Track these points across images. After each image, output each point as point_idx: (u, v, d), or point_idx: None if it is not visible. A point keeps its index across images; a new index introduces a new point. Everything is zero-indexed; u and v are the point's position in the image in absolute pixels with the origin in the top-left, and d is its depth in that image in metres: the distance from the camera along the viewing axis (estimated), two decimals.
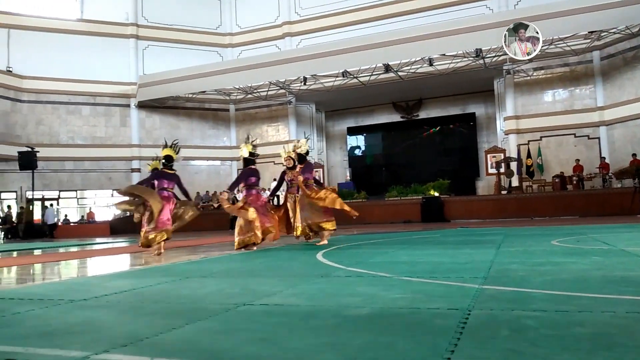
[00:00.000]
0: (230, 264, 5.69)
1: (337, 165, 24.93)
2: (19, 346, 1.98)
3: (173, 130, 23.36)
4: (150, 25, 23.59)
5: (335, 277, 3.91)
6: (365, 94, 21.49)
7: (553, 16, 15.79)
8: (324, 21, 22.77)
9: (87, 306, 2.99)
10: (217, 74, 20.76)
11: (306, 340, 1.96)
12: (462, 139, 22.79)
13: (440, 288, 3.18)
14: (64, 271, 6.07)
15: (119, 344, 1.97)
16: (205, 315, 2.55)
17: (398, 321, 2.25)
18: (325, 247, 7.17)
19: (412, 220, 17.36)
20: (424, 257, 5.45)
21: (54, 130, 21.73)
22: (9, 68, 21.24)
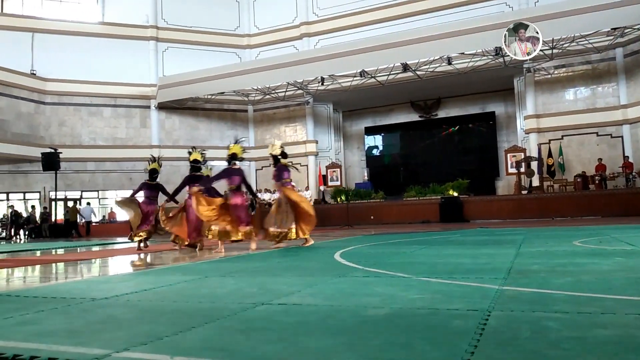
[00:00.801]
0: (248, 263, 5.72)
1: (354, 165, 24.88)
2: (43, 343, 2.02)
3: (192, 131, 23.60)
4: (169, 27, 23.85)
5: (353, 277, 3.90)
6: (383, 94, 21.41)
7: (574, 13, 15.53)
8: (342, 21, 22.75)
9: (108, 305, 3.04)
10: (235, 75, 20.89)
11: (324, 340, 1.96)
12: (482, 138, 22.55)
13: (460, 289, 3.14)
14: (86, 270, 6.18)
15: (139, 342, 1.99)
16: (224, 314, 2.57)
17: (417, 322, 2.23)
18: (344, 247, 7.15)
19: (431, 220, 17.24)
20: (443, 257, 5.40)
21: (76, 132, 22.12)
22: (33, 71, 21.69)
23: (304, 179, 22.49)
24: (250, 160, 23.80)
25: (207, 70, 21.14)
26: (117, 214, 22.41)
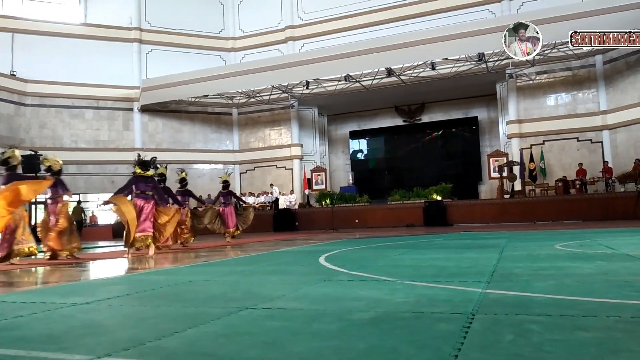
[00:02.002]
0: (233, 267, 5.68)
1: (339, 169, 24.92)
2: (22, 350, 1.98)
3: (176, 134, 23.41)
4: (153, 29, 23.66)
5: (339, 281, 3.90)
6: (367, 98, 21.50)
7: (555, 20, 15.77)
8: (327, 25, 22.80)
9: (89, 310, 2.99)
10: (219, 77, 20.79)
11: (309, 344, 1.96)
12: (465, 143, 22.76)
13: (444, 292, 3.17)
14: (67, 275, 6.07)
15: (122, 348, 1.96)
16: (208, 319, 2.55)
17: (402, 325, 2.24)
18: (328, 250, 7.15)
19: (415, 224, 17.33)
20: (427, 261, 5.43)
21: (58, 134, 21.78)
22: (12, 72, 21.31)
23: (289, 183, 22.46)
24: (235, 164, 23.69)
25: (191, 73, 20.99)
26: (97, 217, 22.11)
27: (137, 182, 8.70)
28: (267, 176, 23.25)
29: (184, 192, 11.34)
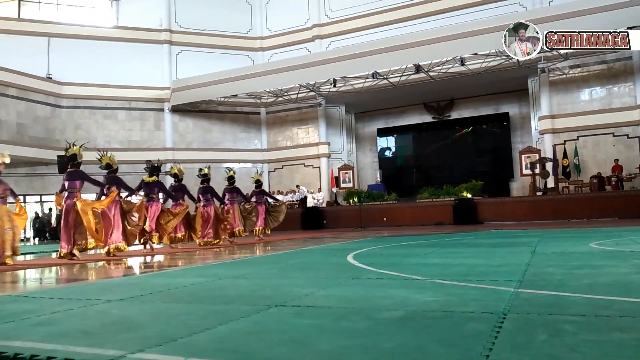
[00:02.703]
0: (262, 265, 5.73)
1: (367, 166, 24.82)
2: (59, 344, 2.04)
3: (205, 133, 23.73)
4: (183, 30, 24.02)
5: (367, 280, 3.89)
6: (395, 95, 21.33)
7: (589, 12, 15.33)
8: (354, 23, 22.72)
9: (123, 306, 3.06)
10: (248, 77, 20.97)
11: (337, 342, 1.96)
12: (495, 140, 22.36)
13: (474, 291, 3.12)
14: (101, 271, 6.24)
15: (154, 344, 2.00)
16: (238, 316, 2.57)
17: (431, 324, 2.22)
18: (357, 249, 7.14)
19: (444, 222, 17.12)
20: (457, 259, 5.37)
21: (92, 135, 22.34)
22: (49, 75, 21.97)
23: (316, 181, 22.50)
24: (263, 163, 23.87)
25: (219, 73, 21.24)
26: None
27: (145, 187, 9.57)
28: (295, 175, 23.35)
29: (232, 190, 11.84)
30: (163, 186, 10.15)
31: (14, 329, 2.43)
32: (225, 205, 11.46)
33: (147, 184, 9.66)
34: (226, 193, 11.65)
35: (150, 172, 9.77)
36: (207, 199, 10.81)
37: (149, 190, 9.62)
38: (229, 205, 11.65)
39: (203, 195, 10.75)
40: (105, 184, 8.77)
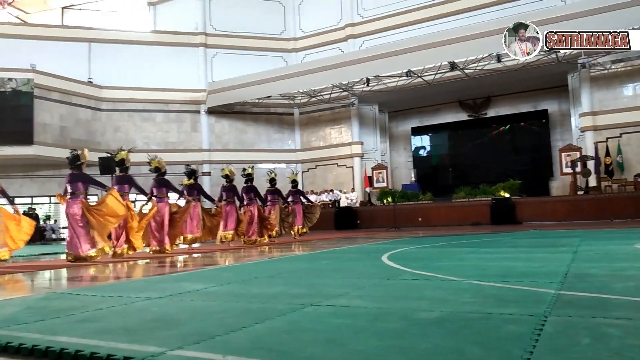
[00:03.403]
0: (296, 264, 5.76)
1: (401, 166, 24.61)
2: (102, 340, 2.10)
3: (240, 134, 24.04)
4: (217, 33, 24.41)
5: (402, 280, 3.86)
6: (429, 93, 21.08)
7: (633, 4, 14.77)
8: (387, 21, 22.57)
9: (162, 304, 3.13)
10: (281, 78, 21.13)
11: (372, 343, 1.95)
12: (534, 137, 21.79)
13: (513, 293, 3.05)
14: (141, 270, 6.40)
15: (192, 341, 2.04)
16: (273, 315, 2.60)
17: (468, 326, 2.18)
18: (391, 249, 7.09)
19: (481, 222, 16.80)
20: (494, 260, 5.26)
21: (130, 137, 22.94)
22: (90, 79, 22.70)
23: (350, 181, 22.46)
24: (297, 163, 23.99)
25: (254, 75, 21.48)
26: None
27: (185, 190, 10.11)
28: (328, 174, 23.37)
29: (273, 191, 12.21)
30: (201, 188, 10.61)
31: (59, 325, 2.52)
32: (267, 206, 11.79)
33: (187, 187, 10.10)
34: (268, 194, 11.99)
35: (188, 175, 10.25)
36: (251, 198, 11.21)
37: (190, 193, 10.02)
38: (270, 206, 11.97)
39: (247, 195, 11.09)
40: (153, 187, 9.17)
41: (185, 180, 10.26)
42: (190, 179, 10.27)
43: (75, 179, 7.83)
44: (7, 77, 20.28)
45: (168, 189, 9.19)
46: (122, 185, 8.33)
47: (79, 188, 7.83)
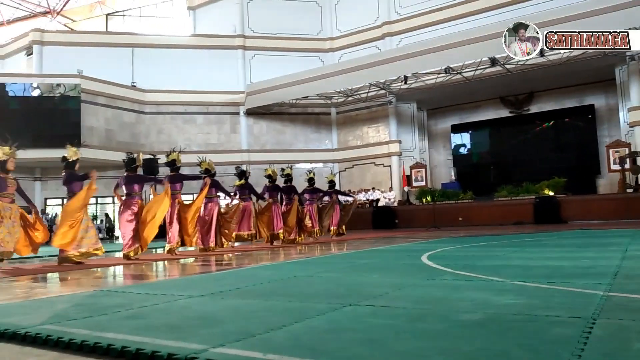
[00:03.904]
0: (335, 263, 5.76)
1: (440, 164, 24.25)
2: (147, 337, 2.16)
3: (278, 135, 24.26)
4: (255, 35, 24.71)
5: (443, 281, 3.79)
6: (469, 90, 20.68)
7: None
8: (425, 18, 22.28)
9: (204, 302, 3.19)
10: (318, 78, 21.20)
11: (414, 344, 1.92)
12: (580, 134, 21.04)
13: (559, 294, 2.96)
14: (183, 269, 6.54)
15: (234, 339, 2.07)
16: (313, 314, 2.60)
17: (513, 328, 2.13)
18: (431, 249, 6.99)
19: (524, 221, 16.35)
20: (539, 260, 5.11)
21: (173, 139, 23.51)
22: (133, 83, 23.42)
23: (387, 180, 22.29)
24: (334, 162, 24.00)
25: (291, 76, 21.63)
26: None
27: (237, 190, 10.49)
28: (366, 174, 23.28)
29: (312, 190, 12.46)
30: (252, 188, 10.84)
31: (106, 322, 2.60)
32: (305, 205, 11.91)
33: (238, 187, 10.46)
34: (306, 194, 12.11)
35: (239, 176, 10.60)
36: (290, 197, 11.40)
37: (241, 193, 10.38)
38: (308, 205, 12.01)
39: (286, 195, 11.25)
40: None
41: (237, 181, 10.60)
42: (241, 179, 10.57)
43: (131, 181, 8.17)
44: (56, 83, 21.15)
45: (217, 189, 9.52)
46: (174, 184, 8.72)
47: (134, 189, 8.16)
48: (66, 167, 7.59)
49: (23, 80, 21.33)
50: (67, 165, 7.59)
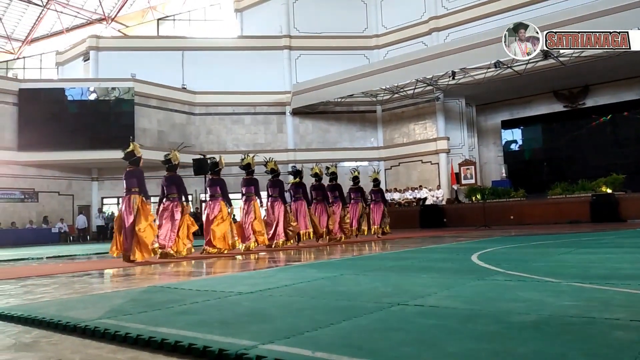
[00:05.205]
0: (382, 262, 5.72)
1: (490, 161, 23.63)
2: (199, 332, 2.22)
3: (324, 134, 24.33)
4: (301, 35, 24.88)
5: (494, 281, 3.69)
6: (520, 84, 20.02)
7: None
8: (473, 12, 21.76)
9: (253, 299, 3.24)
10: (364, 76, 21.09)
11: (465, 345, 1.88)
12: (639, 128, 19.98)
13: (620, 296, 2.81)
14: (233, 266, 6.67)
15: (283, 336, 2.09)
16: (361, 312, 2.59)
17: (570, 331, 2.04)
18: (481, 248, 6.83)
19: (580, 220, 15.69)
20: (596, 260, 4.89)
21: (222, 139, 24.05)
22: (184, 85, 24.10)
23: (435, 178, 21.93)
24: (379, 160, 23.84)
25: (336, 74, 21.63)
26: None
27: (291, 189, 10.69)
28: (412, 172, 22.98)
29: (357, 189, 12.54)
30: (305, 187, 10.95)
31: (160, 317, 2.69)
32: (350, 204, 11.95)
33: (293, 185, 10.62)
34: (351, 192, 12.11)
35: (294, 175, 10.72)
36: (335, 196, 11.52)
37: (295, 192, 10.54)
38: (353, 204, 12.03)
39: (331, 193, 11.30)
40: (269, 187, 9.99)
41: (292, 179, 10.74)
42: (296, 178, 10.68)
43: (214, 184, 8.73)
44: (111, 87, 22.05)
45: (279, 189, 9.90)
46: (249, 187, 9.26)
47: (217, 191, 8.62)
48: (132, 164, 7.68)
49: (81, 84, 22.37)
50: (133, 162, 7.69)
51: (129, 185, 7.47)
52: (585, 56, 17.28)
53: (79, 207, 23.07)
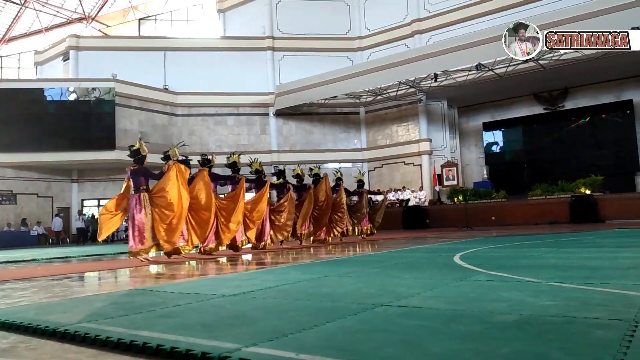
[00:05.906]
0: (365, 264, 5.73)
1: (472, 163, 23.88)
2: (181, 336, 2.19)
3: (307, 135, 24.33)
4: (284, 36, 24.85)
5: (476, 281, 3.72)
6: (502, 87, 20.29)
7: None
8: (455, 15, 22.00)
9: (236, 301, 3.22)
10: (347, 78, 21.17)
11: (448, 346, 1.89)
12: (618, 130, 20.39)
13: (599, 295, 2.86)
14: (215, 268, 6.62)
15: (266, 338, 2.08)
16: (345, 314, 2.59)
17: (551, 330, 2.07)
18: (463, 249, 6.89)
19: (560, 221, 15.95)
20: (576, 260, 4.97)
21: (204, 140, 23.89)
22: (165, 86, 23.87)
23: (417, 179, 22.08)
24: (363, 162, 23.92)
25: (320, 76, 21.66)
26: None
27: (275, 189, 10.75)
28: (395, 173, 23.11)
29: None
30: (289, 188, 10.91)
31: (142, 320, 2.65)
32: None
33: (277, 186, 10.71)
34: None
35: (277, 176, 10.85)
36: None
37: (280, 192, 10.67)
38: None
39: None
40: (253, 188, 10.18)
41: (275, 180, 10.79)
42: (279, 178, 10.72)
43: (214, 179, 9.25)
44: (92, 87, 21.74)
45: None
46: (234, 186, 9.36)
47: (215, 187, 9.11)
48: (137, 162, 7.80)
49: (60, 85, 22.01)
50: (138, 160, 7.80)
51: (137, 184, 7.61)
52: (564, 59, 17.59)
53: (57, 209, 22.68)
